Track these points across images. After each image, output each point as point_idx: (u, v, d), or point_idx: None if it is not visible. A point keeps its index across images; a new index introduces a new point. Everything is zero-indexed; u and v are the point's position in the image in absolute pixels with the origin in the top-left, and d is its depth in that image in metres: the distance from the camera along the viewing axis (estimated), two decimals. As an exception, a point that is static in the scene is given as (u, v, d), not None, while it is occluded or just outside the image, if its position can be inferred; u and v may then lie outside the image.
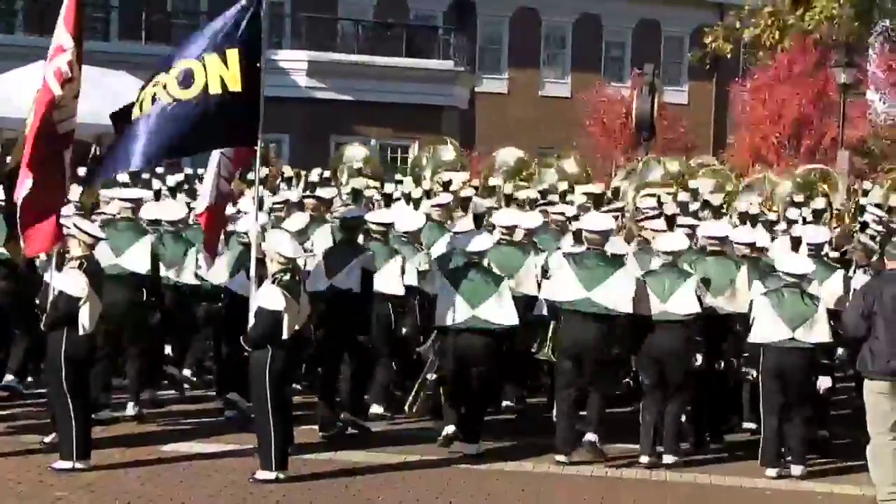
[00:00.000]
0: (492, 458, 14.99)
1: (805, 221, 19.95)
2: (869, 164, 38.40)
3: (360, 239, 16.51)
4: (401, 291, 16.54)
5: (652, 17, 48.88)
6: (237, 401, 15.79)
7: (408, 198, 20.88)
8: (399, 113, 41.21)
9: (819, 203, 22.68)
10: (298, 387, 17.17)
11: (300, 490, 13.21)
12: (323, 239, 17.35)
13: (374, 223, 16.67)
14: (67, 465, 13.50)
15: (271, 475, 13.34)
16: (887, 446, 13.44)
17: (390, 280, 16.39)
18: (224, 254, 16.34)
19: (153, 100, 13.78)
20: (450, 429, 15.10)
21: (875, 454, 13.58)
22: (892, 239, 16.01)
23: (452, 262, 16.32)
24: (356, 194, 21.85)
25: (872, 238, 18.86)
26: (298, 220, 17.41)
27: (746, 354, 15.31)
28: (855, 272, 16.91)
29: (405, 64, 43.20)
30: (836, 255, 17.44)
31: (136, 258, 16.37)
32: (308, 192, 20.53)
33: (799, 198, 23.04)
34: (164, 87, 13.81)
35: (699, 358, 15.18)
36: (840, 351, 16.09)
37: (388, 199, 20.47)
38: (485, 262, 15.75)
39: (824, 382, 14.99)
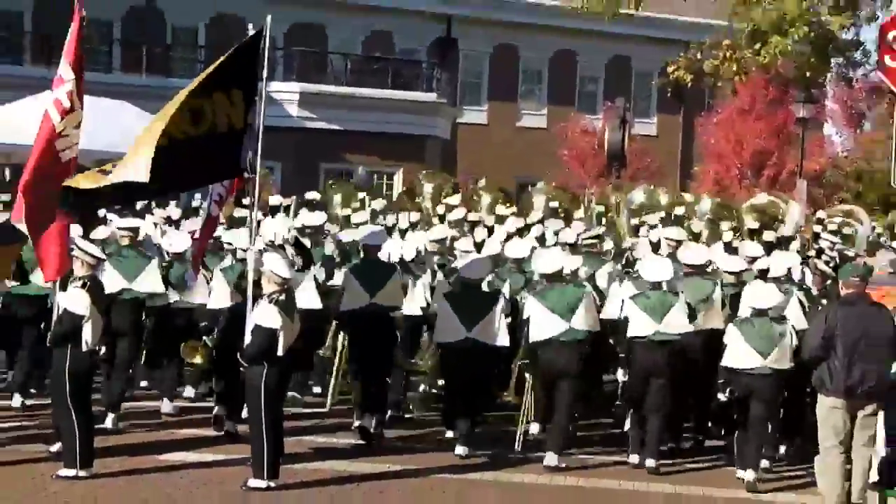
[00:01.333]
0: (474, 468, 14.97)
1: (772, 248, 19.98)
2: (825, 194, 38.51)
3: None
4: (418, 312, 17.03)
5: (624, 54, 49.00)
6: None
7: (394, 229, 21.04)
8: (385, 142, 41.24)
9: (787, 230, 22.74)
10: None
11: (290, 498, 13.20)
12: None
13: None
14: (71, 472, 13.48)
15: (263, 483, 13.32)
16: (836, 459, 13.53)
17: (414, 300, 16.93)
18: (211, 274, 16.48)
19: (164, 134, 13.70)
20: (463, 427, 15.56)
21: (824, 466, 13.66)
22: (845, 265, 16.11)
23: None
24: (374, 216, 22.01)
25: (827, 263, 18.94)
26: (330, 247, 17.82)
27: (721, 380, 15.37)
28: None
29: (391, 96, 43.24)
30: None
31: (149, 282, 16.74)
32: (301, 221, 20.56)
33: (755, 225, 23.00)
34: (175, 122, 13.73)
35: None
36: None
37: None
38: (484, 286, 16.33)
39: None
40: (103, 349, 14.83)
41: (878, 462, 13.78)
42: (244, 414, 14.51)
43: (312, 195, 23.92)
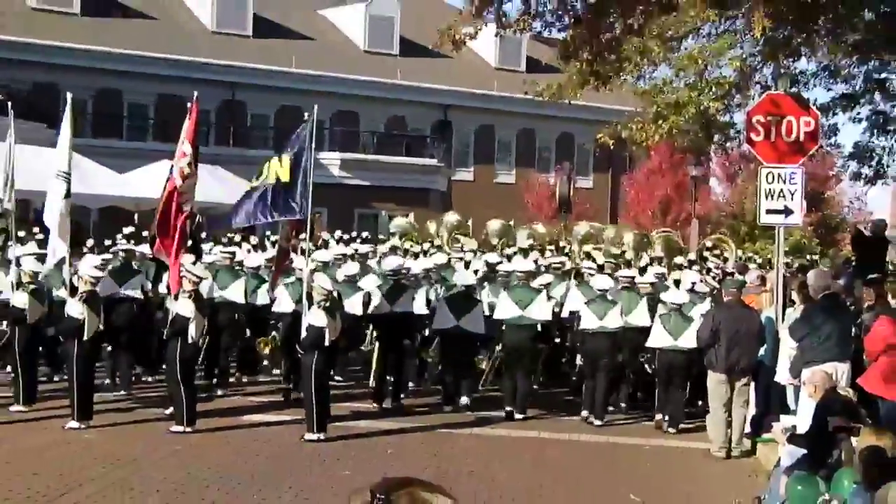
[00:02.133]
0: (470, 424, 14.97)
1: (679, 268, 20.07)
2: (711, 229, 38.48)
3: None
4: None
5: (569, 131, 49.01)
6: None
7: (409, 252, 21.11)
8: (400, 193, 41.28)
9: (692, 255, 22.74)
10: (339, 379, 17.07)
11: (334, 447, 13.20)
12: (370, 281, 17.45)
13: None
14: (180, 429, 13.50)
15: (315, 436, 13.33)
16: (720, 417, 13.54)
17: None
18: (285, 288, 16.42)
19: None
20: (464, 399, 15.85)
21: (713, 421, 13.67)
22: (726, 279, 16.13)
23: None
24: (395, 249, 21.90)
25: (714, 278, 18.96)
26: (351, 267, 17.56)
27: (647, 355, 15.44)
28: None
29: (405, 161, 43.29)
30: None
31: (235, 291, 16.94)
32: (352, 248, 20.51)
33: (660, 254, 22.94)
34: (260, 174, 14.16)
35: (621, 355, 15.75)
36: None
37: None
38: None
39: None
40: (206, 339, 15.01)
41: (751, 418, 13.82)
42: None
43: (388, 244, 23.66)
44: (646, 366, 15.58)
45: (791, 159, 14.25)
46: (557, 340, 17.43)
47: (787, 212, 14.24)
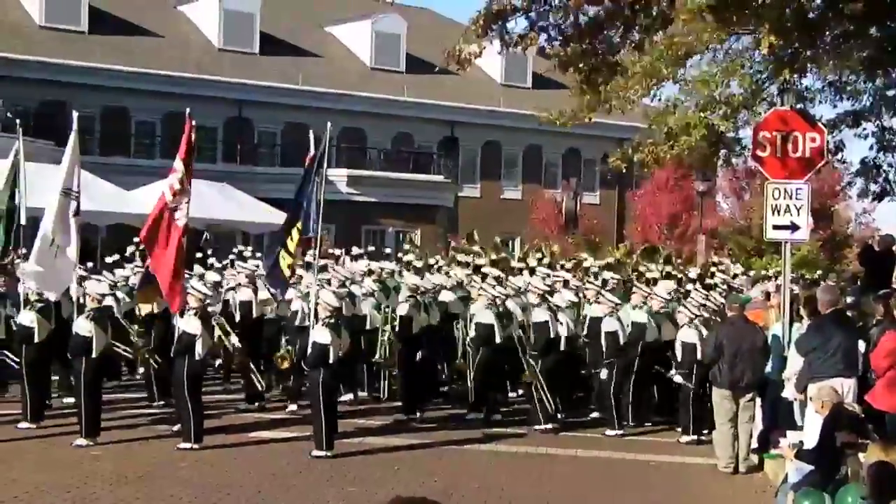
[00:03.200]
0: (482, 441, 14.97)
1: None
2: (718, 244, 38.46)
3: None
4: None
5: (576, 147, 48.98)
6: None
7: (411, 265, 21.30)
8: (407, 210, 41.27)
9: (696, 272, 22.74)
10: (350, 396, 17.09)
11: (342, 463, 13.20)
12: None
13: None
14: (188, 445, 13.52)
15: (323, 453, 13.35)
16: (726, 433, 13.52)
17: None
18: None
19: None
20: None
21: (720, 437, 13.65)
22: (730, 295, 16.13)
23: None
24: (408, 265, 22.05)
25: (720, 294, 18.94)
26: (369, 283, 17.76)
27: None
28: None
29: (412, 177, 43.25)
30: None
31: None
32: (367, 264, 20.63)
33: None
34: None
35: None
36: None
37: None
38: None
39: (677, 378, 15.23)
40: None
41: (758, 434, 13.80)
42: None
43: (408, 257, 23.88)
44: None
45: (797, 175, 14.27)
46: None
47: (793, 227, 14.25)
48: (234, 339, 15.72)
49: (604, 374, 15.69)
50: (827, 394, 10.36)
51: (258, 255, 22.64)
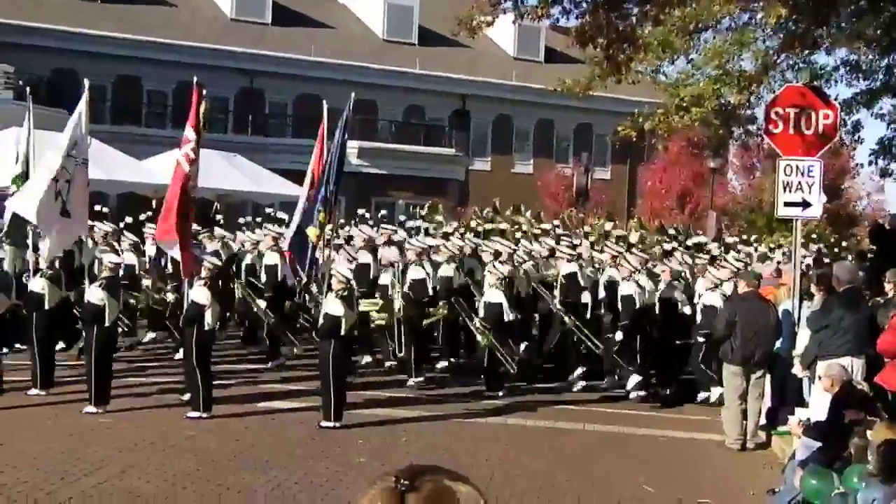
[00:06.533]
0: (479, 414, 14.95)
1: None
2: (728, 221, 38.34)
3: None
4: None
5: (587, 122, 48.85)
6: None
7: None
8: (418, 183, 41.26)
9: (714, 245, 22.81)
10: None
11: (350, 434, 13.23)
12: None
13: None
14: (196, 414, 13.55)
15: (331, 424, 13.37)
16: (735, 409, 13.50)
17: None
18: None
19: None
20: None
21: (728, 413, 13.63)
22: (745, 269, 16.08)
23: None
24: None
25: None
26: (392, 252, 17.89)
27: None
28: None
29: (423, 150, 43.27)
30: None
31: None
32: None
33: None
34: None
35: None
36: None
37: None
38: None
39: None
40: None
41: (766, 410, 13.78)
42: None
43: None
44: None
45: (809, 152, 14.19)
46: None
47: (804, 204, 14.18)
48: (262, 304, 15.89)
49: (619, 335, 15.80)
50: (836, 372, 10.32)
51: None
